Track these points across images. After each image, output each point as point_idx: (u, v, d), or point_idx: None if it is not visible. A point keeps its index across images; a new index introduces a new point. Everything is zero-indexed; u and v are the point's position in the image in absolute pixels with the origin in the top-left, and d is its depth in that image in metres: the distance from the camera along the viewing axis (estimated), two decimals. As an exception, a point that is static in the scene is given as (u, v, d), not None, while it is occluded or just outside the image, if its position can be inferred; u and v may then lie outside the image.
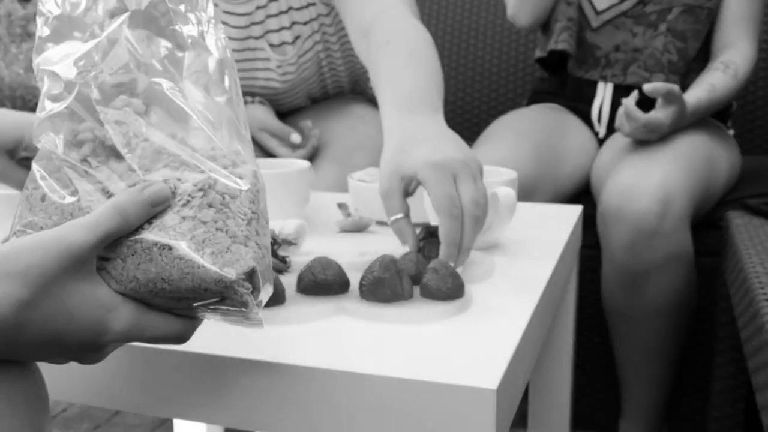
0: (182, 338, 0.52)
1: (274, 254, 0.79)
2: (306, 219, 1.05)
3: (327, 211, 1.10)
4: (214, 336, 0.64)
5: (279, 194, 0.95)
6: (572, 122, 1.59)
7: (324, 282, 0.71)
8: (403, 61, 0.93)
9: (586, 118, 1.61)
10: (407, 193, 0.80)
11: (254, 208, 0.52)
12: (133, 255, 0.49)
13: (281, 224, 0.85)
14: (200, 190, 0.51)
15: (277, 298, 0.69)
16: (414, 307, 0.68)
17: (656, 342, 1.33)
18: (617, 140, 1.48)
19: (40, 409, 0.49)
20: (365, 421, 0.58)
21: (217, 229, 0.50)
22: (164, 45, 0.55)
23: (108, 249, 0.49)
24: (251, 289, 0.50)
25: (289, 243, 0.83)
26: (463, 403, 0.55)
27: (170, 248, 0.49)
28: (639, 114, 1.34)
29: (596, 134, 1.60)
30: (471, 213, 0.74)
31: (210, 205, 0.50)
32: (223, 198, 0.51)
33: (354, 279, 0.76)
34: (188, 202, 0.50)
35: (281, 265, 0.79)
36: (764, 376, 0.83)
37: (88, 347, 0.48)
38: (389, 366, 0.58)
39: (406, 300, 0.70)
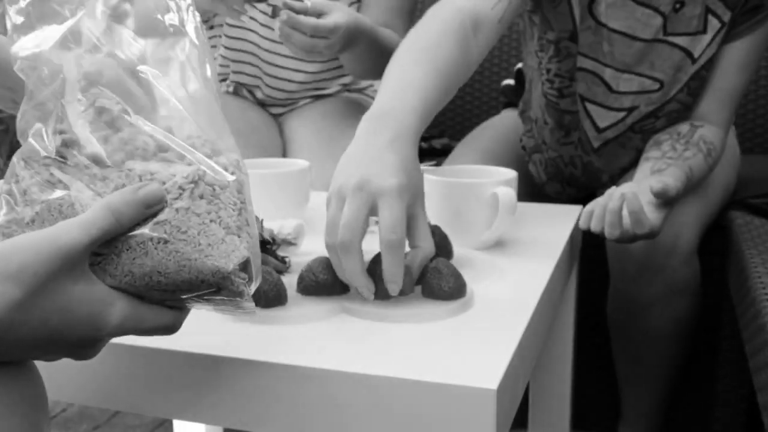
0: (173, 329, 0.52)
1: (274, 254, 0.79)
2: (306, 219, 1.05)
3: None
4: (213, 336, 0.64)
5: (279, 194, 0.95)
6: None
7: (325, 282, 0.71)
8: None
9: None
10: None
11: (242, 198, 0.52)
12: (127, 250, 0.49)
13: (280, 224, 0.84)
14: (191, 182, 0.50)
15: (279, 299, 0.69)
16: (415, 306, 0.68)
17: (658, 361, 1.32)
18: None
19: (38, 409, 0.48)
20: (365, 422, 0.58)
21: (210, 221, 0.49)
22: (127, 34, 0.54)
23: (101, 245, 0.49)
24: (246, 279, 0.50)
25: (288, 243, 0.83)
26: (463, 403, 0.55)
27: (166, 242, 0.48)
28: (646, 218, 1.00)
29: None
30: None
31: (201, 197, 0.50)
32: (213, 189, 0.51)
33: (354, 279, 0.76)
34: (180, 194, 0.50)
35: (281, 266, 0.79)
36: (766, 375, 0.82)
37: (84, 342, 0.49)
38: (389, 366, 0.58)
39: (407, 295, 0.70)
